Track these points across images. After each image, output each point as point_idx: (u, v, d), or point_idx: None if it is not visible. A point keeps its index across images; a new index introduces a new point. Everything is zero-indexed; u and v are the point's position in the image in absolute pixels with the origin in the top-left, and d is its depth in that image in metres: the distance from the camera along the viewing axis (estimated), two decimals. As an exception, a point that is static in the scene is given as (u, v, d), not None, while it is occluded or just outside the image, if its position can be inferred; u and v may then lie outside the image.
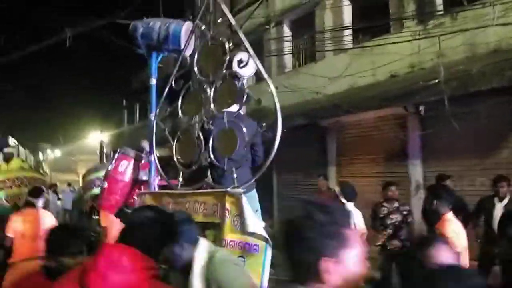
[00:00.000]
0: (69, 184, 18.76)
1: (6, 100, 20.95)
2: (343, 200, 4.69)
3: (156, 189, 3.62)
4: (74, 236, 2.49)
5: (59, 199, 15.05)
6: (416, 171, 7.98)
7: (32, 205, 5.12)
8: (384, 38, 8.61)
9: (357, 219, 4.78)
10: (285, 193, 10.91)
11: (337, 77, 9.25)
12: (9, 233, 4.84)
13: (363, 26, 9.46)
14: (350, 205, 4.67)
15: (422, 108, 7.64)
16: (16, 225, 4.87)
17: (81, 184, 7.38)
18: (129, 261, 1.60)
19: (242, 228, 2.48)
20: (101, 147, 22.99)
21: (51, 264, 2.32)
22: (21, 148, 13.74)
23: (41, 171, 7.91)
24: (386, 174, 8.17)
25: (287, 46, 11.38)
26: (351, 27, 9.89)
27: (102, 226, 5.77)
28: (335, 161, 9.72)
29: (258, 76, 3.02)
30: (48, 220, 5.00)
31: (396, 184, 5.78)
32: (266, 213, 3.68)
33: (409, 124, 8.14)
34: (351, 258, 1.18)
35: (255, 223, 2.48)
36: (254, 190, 3.34)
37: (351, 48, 9.59)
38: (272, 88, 2.63)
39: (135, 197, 3.69)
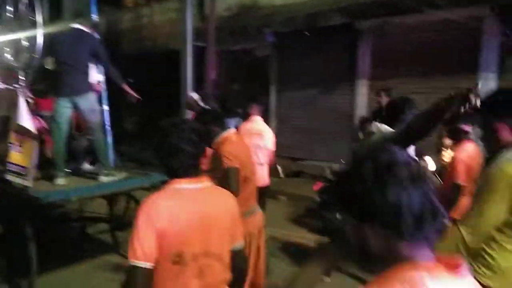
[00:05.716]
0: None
1: None
2: None
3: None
4: None
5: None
6: (488, 87, 6.60)
7: None
8: None
9: None
10: (288, 115, 8.91)
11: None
12: None
13: None
14: None
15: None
16: None
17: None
18: None
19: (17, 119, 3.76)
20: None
21: None
22: None
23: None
24: (446, 90, 6.64)
25: None
26: None
27: None
28: (368, 74, 7.92)
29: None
30: None
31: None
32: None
33: (486, 28, 6.63)
34: None
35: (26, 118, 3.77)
36: (91, 92, 4.52)
37: None
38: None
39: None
